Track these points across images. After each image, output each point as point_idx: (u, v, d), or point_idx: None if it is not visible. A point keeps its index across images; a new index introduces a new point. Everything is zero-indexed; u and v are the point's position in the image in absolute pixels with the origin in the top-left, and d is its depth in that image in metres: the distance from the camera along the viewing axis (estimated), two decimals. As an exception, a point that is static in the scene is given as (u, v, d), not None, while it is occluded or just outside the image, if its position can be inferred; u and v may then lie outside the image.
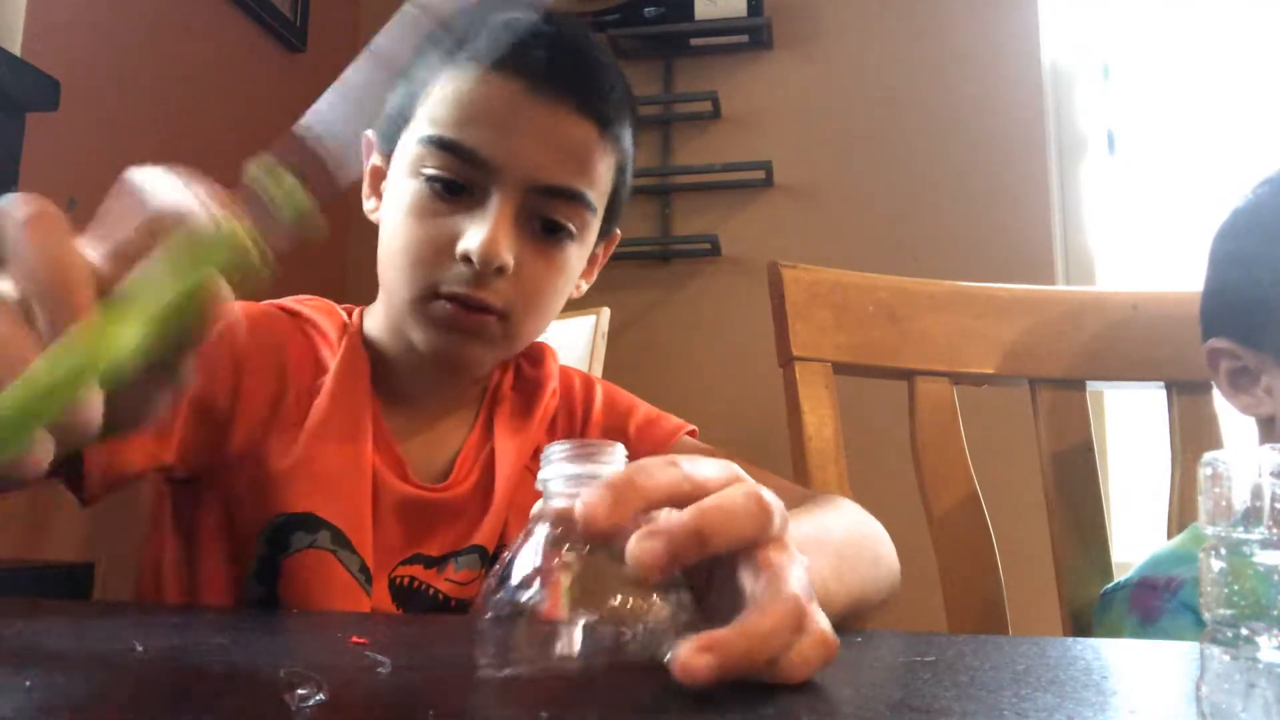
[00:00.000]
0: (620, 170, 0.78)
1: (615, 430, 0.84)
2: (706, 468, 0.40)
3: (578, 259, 0.76)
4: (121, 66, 1.68)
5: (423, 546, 0.75)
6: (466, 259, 0.68)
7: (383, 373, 0.78)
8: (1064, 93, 2.14)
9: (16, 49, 1.41)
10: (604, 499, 0.36)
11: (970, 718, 0.32)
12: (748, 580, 0.38)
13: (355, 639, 0.46)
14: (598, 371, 1.12)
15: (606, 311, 1.16)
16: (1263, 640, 0.28)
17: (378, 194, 0.79)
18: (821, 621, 0.38)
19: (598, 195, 0.74)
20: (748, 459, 0.52)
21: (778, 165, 2.15)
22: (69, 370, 0.33)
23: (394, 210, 0.73)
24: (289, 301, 0.81)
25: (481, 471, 0.78)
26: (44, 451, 0.33)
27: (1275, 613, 0.27)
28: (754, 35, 2.19)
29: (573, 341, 1.14)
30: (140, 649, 0.42)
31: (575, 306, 1.17)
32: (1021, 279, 1.07)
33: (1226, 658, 0.28)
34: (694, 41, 2.22)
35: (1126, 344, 0.99)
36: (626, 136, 0.78)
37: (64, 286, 0.34)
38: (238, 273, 0.39)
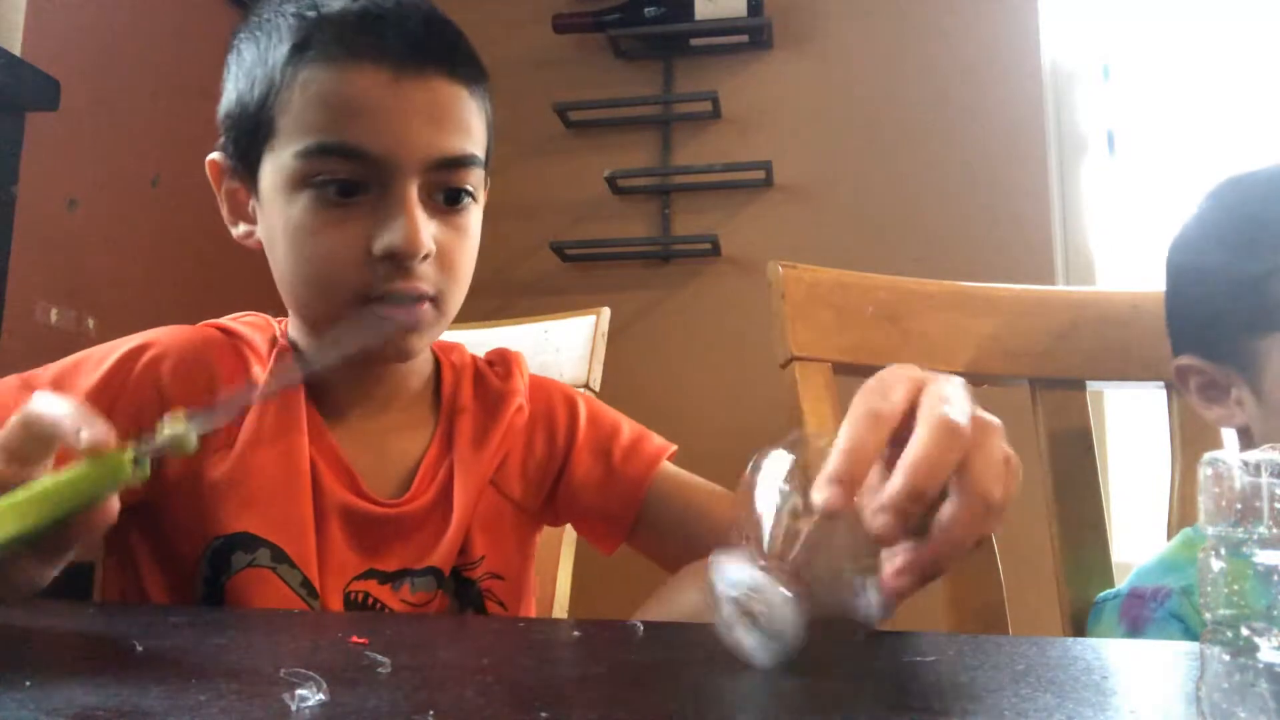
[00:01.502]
0: (489, 122, 0.76)
1: (600, 450, 0.83)
2: (893, 400, 0.45)
3: (478, 218, 0.75)
4: (121, 66, 1.68)
5: (377, 561, 0.74)
6: (390, 255, 0.67)
7: (317, 383, 0.76)
8: (1064, 93, 2.14)
9: (16, 49, 1.41)
10: (836, 491, 0.41)
11: (970, 718, 0.32)
12: None
13: (355, 639, 0.46)
14: (597, 371, 1.12)
15: (606, 311, 1.16)
16: (1263, 640, 0.28)
17: (245, 218, 0.77)
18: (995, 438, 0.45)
19: (482, 151, 0.73)
20: (748, 459, 0.52)
21: (778, 165, 2.15)
22: None
23: (286, 229, 0.70)
24: (226, 320, 0.80)
25: (440, 486, 0.77)
26: None
27: (1275, 613, 0.27)
28: (754, 35, 2.19)
29: (572, 341, 1.13)
30: (140, 649, 0.42)
31: (575, 306, 1.17)
32: (1021, 279, 1.07)
33: (1226, 658, 0.28)
34: (694, 41, 2.22)
35: (1126, 344, 0.99)
36: (486, 87, 0.75)
37: None
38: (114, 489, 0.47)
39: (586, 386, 1.10)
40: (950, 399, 0.45)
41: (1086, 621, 0.89)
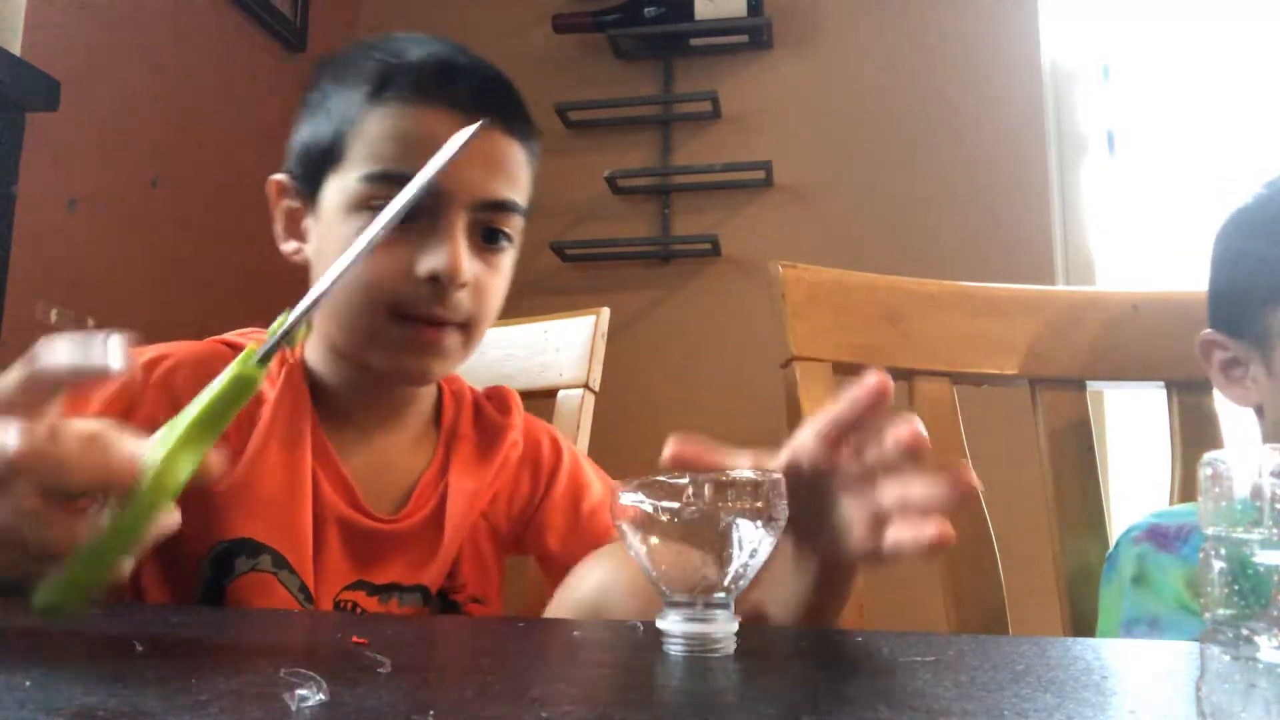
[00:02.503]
0: (534, 181, 0.83)
1: (572, 501, 0.88)
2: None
3: (512, 262, 0.82)
4: (121, 66, 1.68)
5: (368, 574, 0.78)
6: (433, 279, 0.73)
7: (326, 400, 0.80)
8: (1064, 93, 2.14)
9: (16, 49, 1.41)
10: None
11: (970, 718, 0.32)
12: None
13: (355, 639, 0.46)
14: (597, 371, 1.12)
15: (606, 311, 1.16)
16: (1263, 640, 0.28)
17: (296, 235, 0.83)
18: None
19: (525, 202, 0.80)
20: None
21: (778, 165, 2.15)
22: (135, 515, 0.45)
23: (337, 248, 0.75)
24: (233, 335, 0.83)
25: (435, 507, 0.81)
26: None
27: (1275, 613, 0.27)
28: (754, 35, 2.19)
29: (572, 341, 1.13)
30: (140, 649, 0.42)
31: (575, 306, 1.17)
32: (1021, 279, 1.07)
33: (1226, 658, 0.28)
34: (694, 41, 2.22)
35: (1126, 344, 0.99)
36: (537, 149, 0.83)
37: (120, 475, 0.44)
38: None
39: (586, 386, 1.11)
40: None
41: (1087, 621, 0.89)
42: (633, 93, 2.26)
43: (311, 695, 0.32)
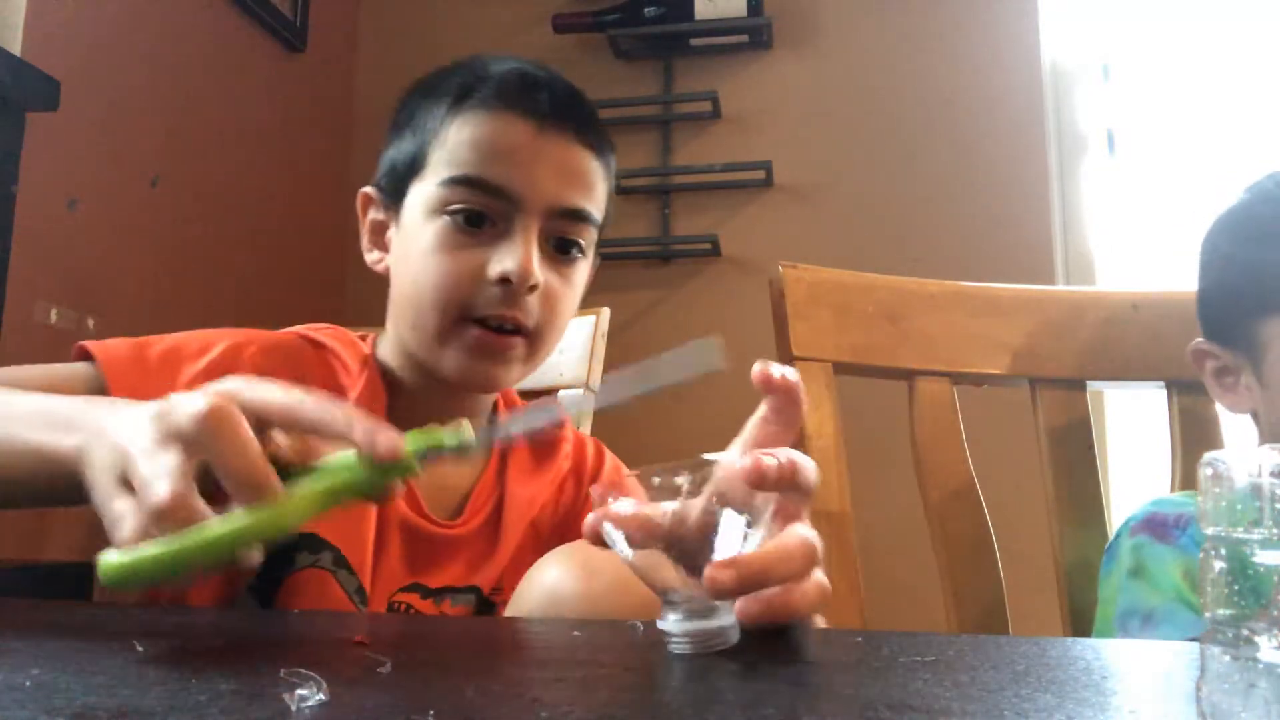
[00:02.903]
0: (610, 196, 0.84)
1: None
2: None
3: (584, 275, 0.83)
4: (121, 66, 1.68)
5: (422, 577, 0.78)
6: (504, 280, 0.74)
7: (397, 404, 0.81)
8: (1064, 93, 2.14)
9: (16, 49, 1.41)
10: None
11: (970, 718, 0.32)
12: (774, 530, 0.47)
13: (355, 639, 0.46)
14: (597, 371, 1.12)
15: (606, 311, 1.16)
16: (1263, 640, 0.28)
17: (381, 246, 0.84)
18: (821, 575, 0.47)
19: (599, 215, 0.81)
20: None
21: (778, 165, 2.15)
22: (245, 531, 0.45)
23: (416, 252, 0.77)
24: (310, 331, 0.85)
25: (489, 514, 0.83)
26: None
27: (1275, 613, 0.27)
28: (754, 35, 2.19)
29: (572, 342, 1.13)
30: (140, 649, 0.42)
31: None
32: (1021, 279, 1.07)
33: (1226, 658, 0.28)
34: (694, 41, 2.22)
35: (1126, 344, 0.99)
36: (613, 164, 0.85)
37: (257, 487, 0.46)
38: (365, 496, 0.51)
39: (587, 386, 1.10)
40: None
41: (1087, 620, 0.90)
42: (633, 93, 2.26)
43: (311, 695, 0.32)
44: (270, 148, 2.06)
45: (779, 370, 0.52)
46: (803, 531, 0.48)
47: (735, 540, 0.45)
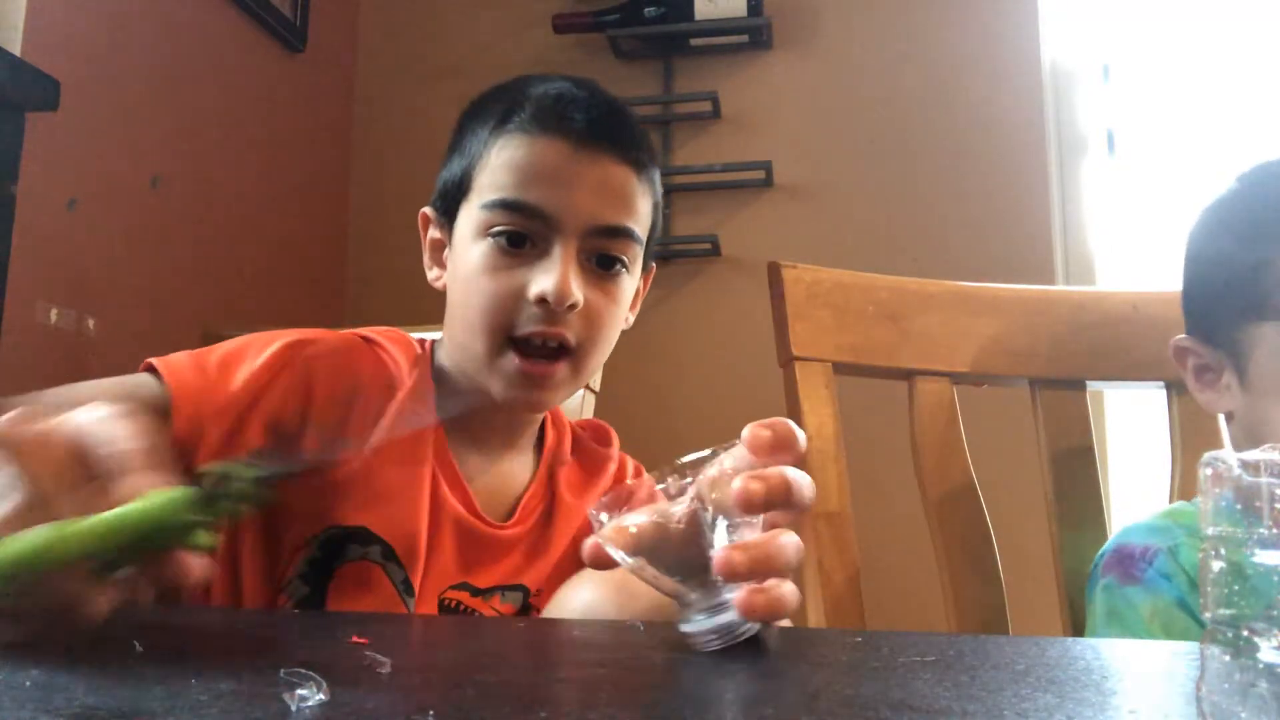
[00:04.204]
0: (655, 207, 0.85)
1: None
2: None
3: (629, 289, 0.85)
4: (121, 66, 1.68)
5: (472, 576, 0.81)
6: (542, 300, 0.76)
7: (449, 406, 0.84)
8: (1064, 93, 2.14)
9: (16, 49, 1.41)
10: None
11: (970, 718, 0.32)
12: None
13: (355, 639, 0.46)
14: (598, 371, 1.12)
15: (606, 311, 1.16)
16: (1263, 640, 0.28)
17: (440, 264, 0.87)
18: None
19: (642, 230, 0.83)
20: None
21: (778, 165, 2.15)
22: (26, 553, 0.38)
23: (465, 272, 0.80)
24: (370, 331, 0.87)
25: (539, 518, 0.85)
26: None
27: (1275, 613, 0.27)
28: (754, 35, 2.19)
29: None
30: (140, 649, 0.42)
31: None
32: (1021, 279, 1.07)
33: (1226, 658, 0.28)
34: (694, 41, 2.22)
35: (1126, 344, 0.99)
36: (657, 178, 0.86)
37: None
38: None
39: (586, 387, 1.10)
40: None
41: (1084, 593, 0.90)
42: (633, 93, 2.26)
43: (311, 695, 0.32)
44: (270, 148, 2.06)
45: (767, 430, 0.50)
46: (792, 534, 0.49)
47: (724, 540, 0.46)
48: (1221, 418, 0.87)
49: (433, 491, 0.80)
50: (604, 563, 0.48)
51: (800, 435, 0.51)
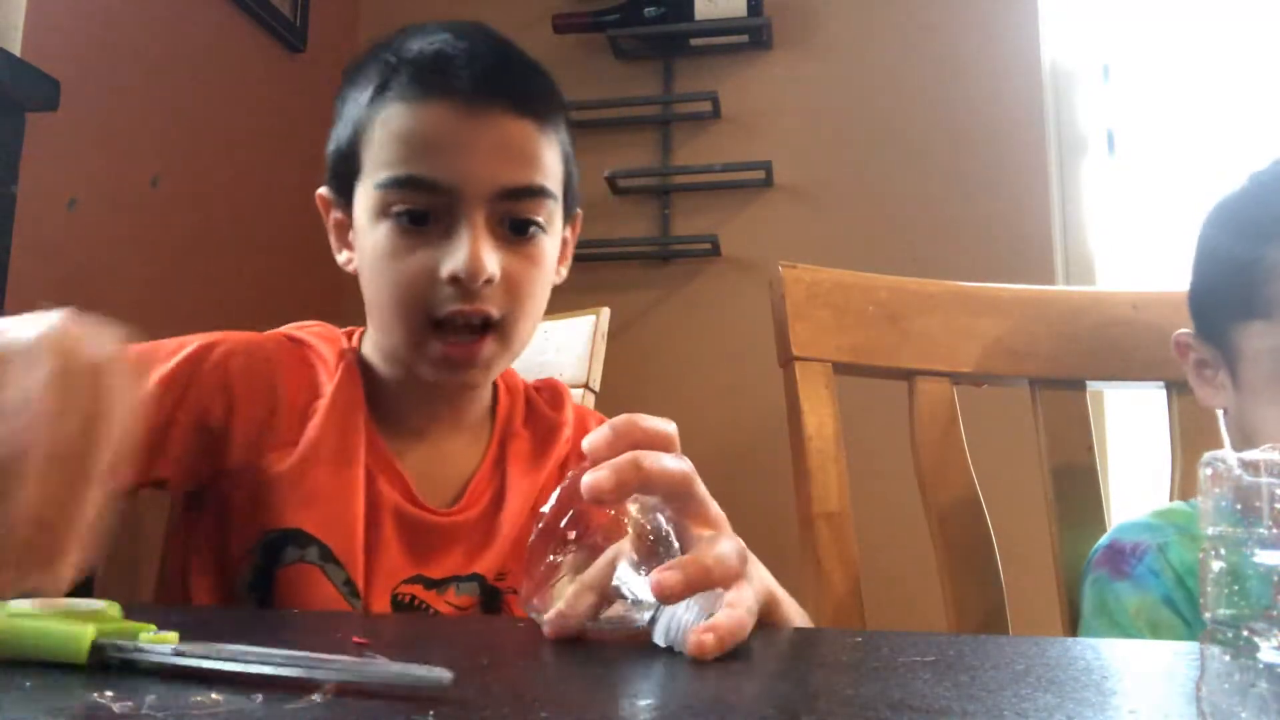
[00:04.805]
0: (565, 157, 0.81)
1: None
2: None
3: (551, 248, 0.79)
4: (121, 66, 1.68)
5: (425, 568, 0.77)
6: (455, 279, 0.71)
7: (382, 397, 0.80)
8: (1064, 93, 2.14)
9: (16, 49, 1.41)
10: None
11: (970, 718, 0.32)
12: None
13: (355, 639, 0.46)
14: (597, 371, 1.12)
15: (606, 311, 1.16)
16: (1263, 640, 0.28)
17: (346, 245, 0.82)
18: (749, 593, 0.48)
19: (554, 184, 0.77)
20: (748, 459, 0.53)
21: (778, 165, 2.15)
22: None
23: (370, 256, 0.75)
24: (294, 329, 0.84)
25: (489, 502, 0.81)
26: None
27: (1275, 613, 0.27)
28: (754, 35, 2.19)
29: (572, 342, 1.13)
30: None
31: (575, 306, 1.17)
32: (1021, 279, 1.07)
33: (1226, 658, 0.28)
34: (694, 41, 2.22)
35: (1126, 344, 0.99)
36: (562, 123, 0.80)
37: None
38: None
39: (586, 387, 1.11)
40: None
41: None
42: (633, 93, 2.26)
43: (312, 695, 0.32)
44: (270, 148, 2.06)
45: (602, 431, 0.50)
46: (728, 541, 0.49)
47: (630, 573, 0.48)
48: (1221, 415, 0.87)
49: (368, 485, 0.76)
50: (573, 632, 0.48)
51: (647, 422, 0.50)
